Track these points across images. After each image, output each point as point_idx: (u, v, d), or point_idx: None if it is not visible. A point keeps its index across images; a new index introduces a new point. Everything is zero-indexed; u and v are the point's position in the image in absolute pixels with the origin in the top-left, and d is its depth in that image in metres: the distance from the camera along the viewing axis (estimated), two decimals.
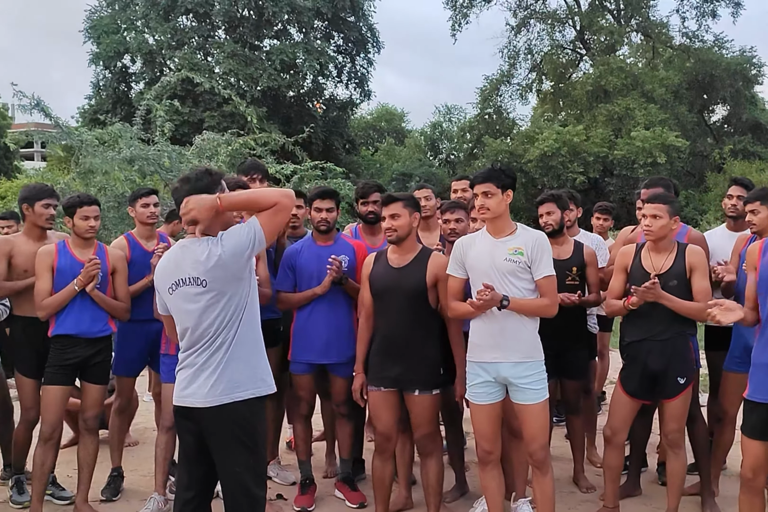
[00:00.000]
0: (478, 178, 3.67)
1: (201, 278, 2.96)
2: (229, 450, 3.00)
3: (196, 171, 3.12)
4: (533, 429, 3.69)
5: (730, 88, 29.34)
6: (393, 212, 3.91)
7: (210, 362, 3.00)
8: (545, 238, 3.73)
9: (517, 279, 3.63)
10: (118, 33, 26.21)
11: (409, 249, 4.00)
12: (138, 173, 8.90)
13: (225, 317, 2.98)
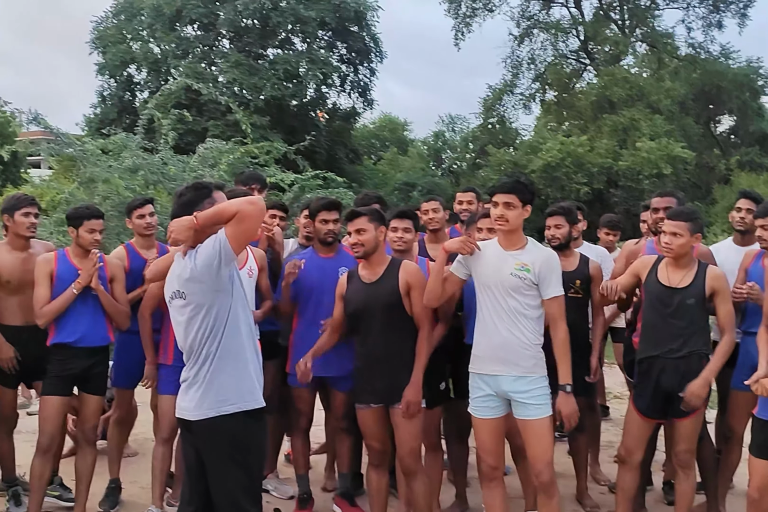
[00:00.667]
0: (503, 187, 3.60)
1: (181, 291, 2.99)
2: (220, 466, 2.98)
3: (186, 185, 3.17)
4: (536, 447, 3.61)
5: (736, 100, 29.29)
6: (358, 227, 3.89)
7: (198, 375, 3.00)
8: (555, 257, 3.68)
9: (521, 296, 3.58)
10: (123, 43, 26.33)
11: (379, 262, 3.96)
12: (142, 182, 8.89)
13: (206, 329, 2.96)
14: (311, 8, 25.58)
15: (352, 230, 3.90)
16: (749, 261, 4.32)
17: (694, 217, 3.90)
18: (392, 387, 3.86)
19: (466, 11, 32.63)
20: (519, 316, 3.58)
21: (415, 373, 3.85)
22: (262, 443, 3.19)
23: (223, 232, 2.90)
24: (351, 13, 26.70)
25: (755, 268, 4.26)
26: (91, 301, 4.19)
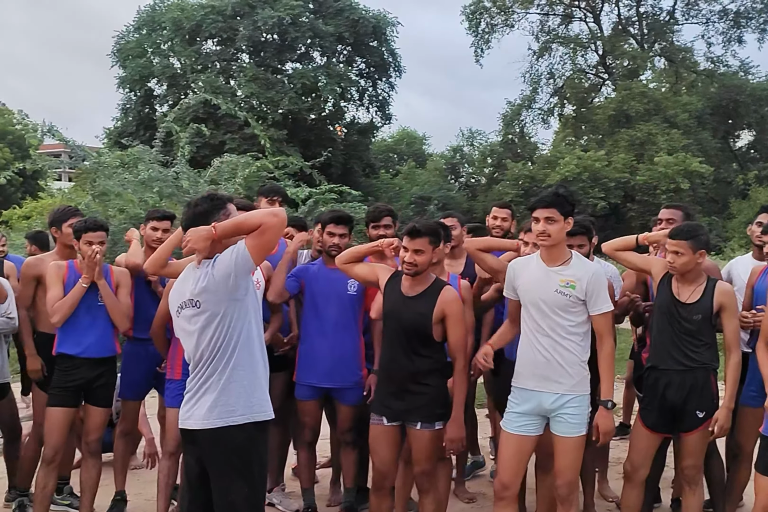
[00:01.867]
0: (542, 202, 3.54)
1: (195, 299, 3.00)
2: (224, 478, 2.97)
3: (200, 196, 3.19)
4: (560, 464, 3.61)
5: (755, 114, 29.17)
6: (418, 247, 3.75)
7: (208, 384, 3.00)
8: (601, 272, 3.64)
9: (567, 313, 3.54)
10: (144, 57, 26.64)
11: (423, 279, 3.86)
12: (156, 195, 8.97)
13: (219, 338, 2.97)
14: (329, 23, 25.84)
15: (410, 248, 3.76)
16: (755, 278, 4.28)
17: (694, 234, 3.83)
18: (405, 407, 3.81)
19: (485, 28, 32.78)
20: (564, 334, 3.54)
21: (455, 410, 3.79)
22: (265, 455, 3.19)
23: (243, 242, 2.93)
24: (369, 29, 26.91)
25: (761, 285, 4.22)
26: (96, 311, 4.21)
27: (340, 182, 13.48)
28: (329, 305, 4.39)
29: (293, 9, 24.78)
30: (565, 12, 33.64)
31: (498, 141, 33.27)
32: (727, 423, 3.78)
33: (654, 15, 32.90)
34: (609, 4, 33.12)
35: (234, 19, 25.57)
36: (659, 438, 3.97)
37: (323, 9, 26.37)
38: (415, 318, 3.78)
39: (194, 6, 26.19)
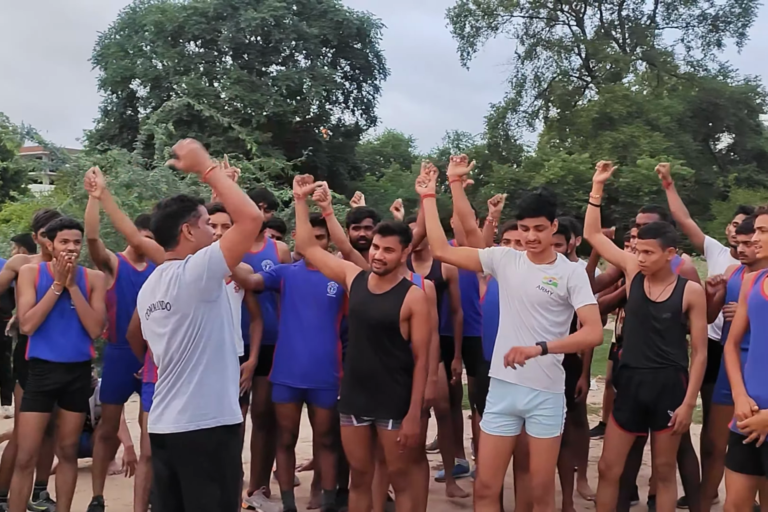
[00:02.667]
0: (530, 211, 3.55)
1: (165, 301, 2.96)
2: (196, 482, 2.95)
3: (170, 197, 3.15)
4: (535, 464, 3.63)
5: (734, 117, 29.50)
6: (388, 245, 3.80)
7: (177, 388, 2.97)
8: (582, 269, 3.68)
9: (547, 311, 3.56)
10: (125, 58, 26.52)
11: (390, 278, 3.92)
12: (137, 198, 8.92)
13: (190, 341, 2.95)
14: (313, 25, 25.83)
15: (381, 246, 3.80)
16: (730, 275, 4.34)
17: (662, 232, 3.92)
18: (374, 405, 3.84)
19: (470, 31, 32.93)
20: (542, 333, 3.55)
21: (412, 406, 3.81)
22: (237, 458, 3.18)
23: (218, 244, 2.90)
24: (353, 31, 26.94)
25: (734, 283, 4.28)
26: (69, 315, 4.16)
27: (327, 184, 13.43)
28: (307, 306, 4.39)
29: (276, 10, 24.77)
30: (548, 15, 33.84)
31: (483, 144, 33.40)
32: (687, 420, 3.82)
33: (635, 19, 33.21)
34: (591, 8, 33.38)
35: (217, 20, 25.51)
36: (632, 436, 4.01)
37: (307, 11, 26.36)
38: (382, 316, 3.81)
39: (176, 7, 26.08)
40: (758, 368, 3.39)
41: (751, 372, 3.42)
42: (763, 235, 3.38)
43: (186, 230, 3.00)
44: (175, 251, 3.03)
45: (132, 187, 9.05)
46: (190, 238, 3.01)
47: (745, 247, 4.22)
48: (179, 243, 3.02)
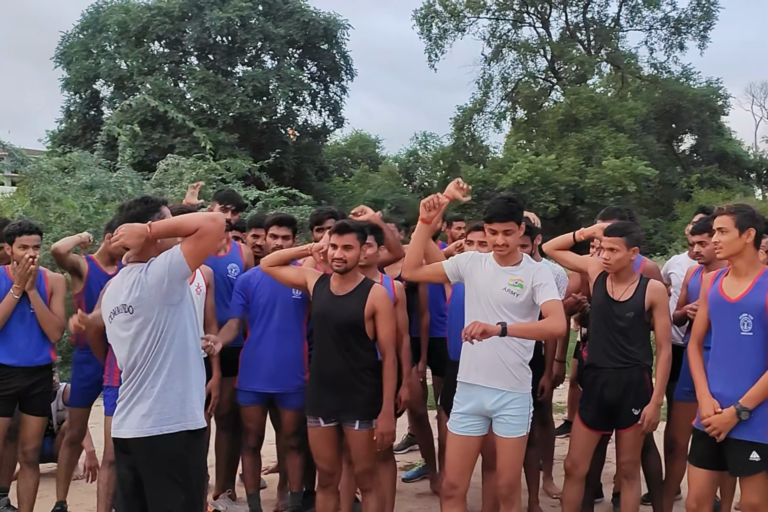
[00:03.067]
0: (500, 216, 3.54)
1: (128, 305, 2.94)
2: (160, 486, 2.94)
3: (133, 199, 3.13)
4: (501, 464, 3.65)
5: (696, 119, 29.96)
6: (347, 243, 3.82)
7: (141, 392, 2.95)
8: (547, 268, 3.71)
9: (513, 313, 3.57)
10: (89, 58, 26.15)
11: (351, 278, 3.93)
12: (99, 200, 8.80)
13: (153, 344, 2.93)
14: (280, 26, 25.70)
15: (339, 245, 3.81)
16: (690, 276, 4.40)
17: (628, 231, 3.97)
18: (341, 406, 3.84)
19: (437, 32, 33.05)
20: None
21: (385, 404, 3.82)
22: (201, 462, 3.18)
23: (179, 247, 2.89)
24: (320, 31, 26.85)
25: (694, 283, 4.34)
26: (30, 319, 4.12)
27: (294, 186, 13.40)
28: (273, 310, 4.36)
29: (242, 10, 24.60)
30: (515, 17, 34.08)
31: (450, 145, 33.54)
32: (655, 418, 3.87)
33: (600, 21, 33.57)
34: (557, 10, 33.69)
35: (181, 20, 25.27)
36: (597, 435, 4.06)
37: (273, 11, 26.22)
38: (347, 316, 3.82)
39: (140, 7, 25.77)
40: (720, 366, 3.45)
41: (713, 370, 3.48)
42: (723, 236, 3.42)
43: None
44: (140, 253, 3.00)
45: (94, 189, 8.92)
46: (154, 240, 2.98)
47: (701, 247, 4.29)
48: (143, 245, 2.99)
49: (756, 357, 3.36)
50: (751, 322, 3.35)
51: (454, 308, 4.12)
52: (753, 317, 3.35)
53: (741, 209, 3.45)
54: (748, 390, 3.32)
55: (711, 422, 3.35)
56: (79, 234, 4.57)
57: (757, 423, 3.32)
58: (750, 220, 3.41)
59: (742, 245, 3.39)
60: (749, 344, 3.36)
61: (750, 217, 3.41)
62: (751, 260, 3.43)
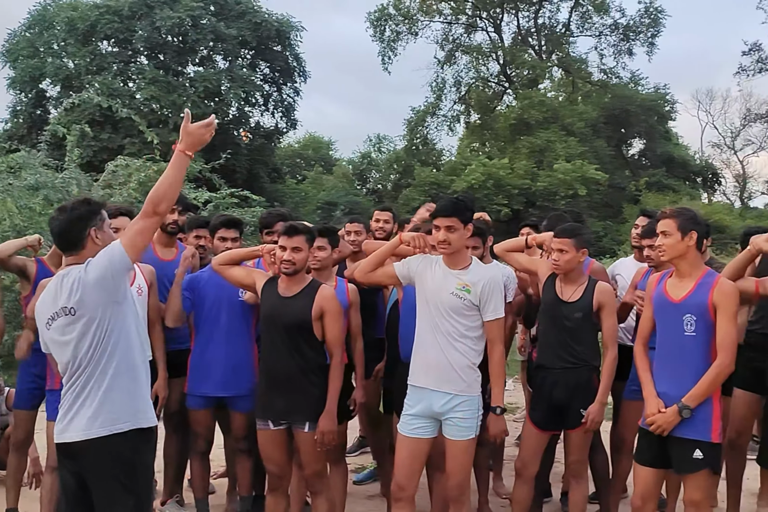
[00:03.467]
0: (444, 211, 3.60)
1: (69, 306, 2.89)
2: (108, 491, 2.88)
3: (74, 200, 3.10)
4: (451, 466, 3.67)
5: (644, 124, 30.53)
6: (295, 245, 3.81)
7: (86, 393, 2.90)
8: (498, 278, 3.72)
9: (460, 316, 3.59)
10: (36, 57, 25.55)
11: (299, 280, 3.92)
12: (43, 201, 8.59)
13: (98, 345, 2.88)
14: (232, 26, 25.44)
15: (288, 247, 3.80)
16: (639, 278, 4.48)
17: (577, 233, 4.03)
18: (291, 407, 3.81)
19: (390, 35, 33.09)
20: (457, 337, 3.60)
21: (329, 403, 3.81)
22: (151, 466, 3.12)
23: (118, 242, 2.87)
24: (273, 32, 26.66)
25: (644, 285, 4.42)
26: None
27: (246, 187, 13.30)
28: (220, 312, 4.32)
29: (193, 10, 24.27)
30: (468, 22, 34.34)
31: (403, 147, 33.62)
32: (599, 417, 3.93)
33: (551, 27, 34.02)
34: (509, 15, 34.04)
35: (131, 19, 24.80)
36: (547, 435, 4.10)
37: (225, 11, 25.93)
38: (295, 317, 3.80)
39: (88, 5, 25.25)
40: (665, 366, 3.52)
41: (659, 370, 3.55)
42: (666, 239, 3.49)
43: (93, 234, 2.98)
44: (79, 255, 2.98)
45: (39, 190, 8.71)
46: (98, 242, 2.97)
47: (651, 251, 4.36)
48: (85, 247, 2.97)
49: (698, 357, 3.43)
50: (694, 323, 3.42)
51: (406, 310, 4.12)
52: (696, 317, 3.42)
53: (683, 212, 3.52)
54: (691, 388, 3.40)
55: (655, 420, 3.41)
56: (25, 237, 4.46)
57: (700, 421, 3.39)
58: (692, 223, 3.48)
59: (685, 248, 3.46)
60: (692, 344, 3.43)
61: (692, 220, 3.48)
62: (694, 262, 3.50)
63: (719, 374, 3.38)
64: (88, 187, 9.26)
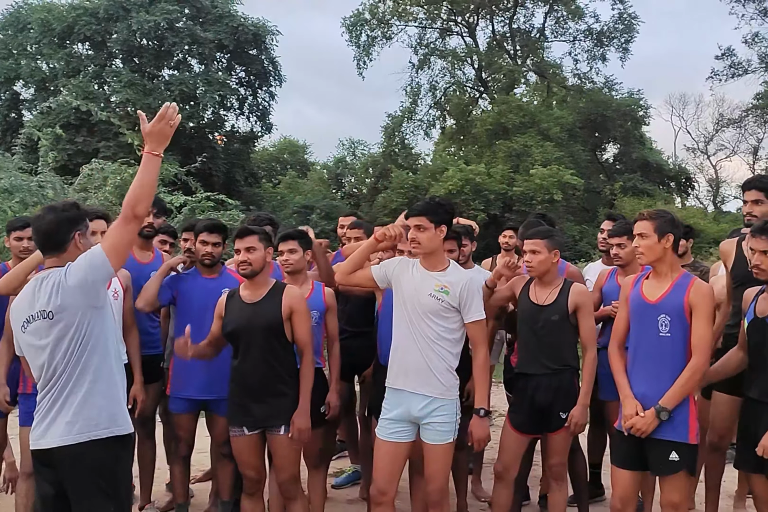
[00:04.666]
0: (413, 210, 3.64)
1: (47, 310, 2.87)
2: (88, 498, 2.85)
3: (64, 201, 3.12)
4: (430, 470, 3.67)
5: (620, 128, 30.78)
6: (248, 245, 3.83)
7: (64, 399, 2.87)
8: (475, 280, 3.72)
9: (438, 318, 3.59)
10: (9, 58, 25.27)
11: (262, 283, 3.92)
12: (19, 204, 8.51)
13: (76, 349, 2.86)
14: (208, 29, 25.34)
15: (241, 248, 3.83)
16: (603, 280, 4.53)
17: (549, 234, 4.07)
18: (268, 412, 3.80)
19: (366, 40, 33.11)
20: (435, 339, 3.60)
21: (302, 400, 3.81)
22: (129, 471, 3.13)
23: (99, 247, 2.85)
24: (249, 36, 26.58)
25: (609, 287, 4.48)
26: None
27: (223, 191, 13.27)
28: (206, 315, 4.29)
29: (170, 13, 24.15)
30: (442, 26, 34.46)
31: (380, 152, 33.61)
32: (582, 420, 3.95)
33: (526, 31, 34.21)
34: (484, 20, 34.21)
35: (107, 22, 24.62)
36: (527, 439, 4.11)
37: (202, 15, 25.81)
38: (266, 321, 3.80)
39: (64, 7, 25.03)
40: (641, 367, 3.54)
41: (636, 371, 3.56)
42: (643, 241, 3.53)
43: (78, 238, 2.98)
44: (59, 258, 2.96)
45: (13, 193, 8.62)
46: (80, 247, 2.97)
47: (620, 249, 4.42)
48: (66, 250, 2.97)
49: (674, 358, 3.46)
50: (668, 323, 3.46)
51: (384, 313, 4.13)
52: (671, 318, 3.46)
53: (661, 215, 3.56)
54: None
55: (634, 423, 3.43)
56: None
57: (678, 422, 3.42)
58: (669, 225, 3.52)
59: (662, 250, 3.50)
60: (668, 345, 3.46)
61: (669, 223, 3.53)
62: (671, 263, 3.55)
63: (694, 374, 3.42)
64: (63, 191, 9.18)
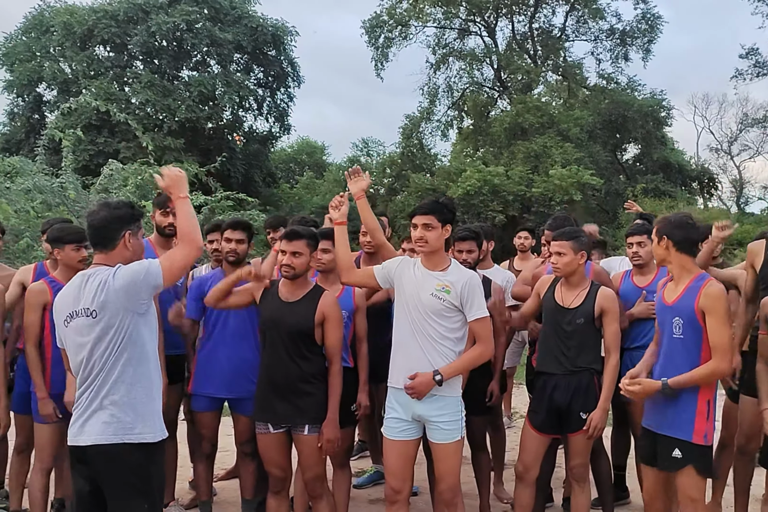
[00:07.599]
0: (421, 209, 3.64)
1: (91, 309, 2.90)
2: (122, 496, 2.90)
3: (119, 200, 3.20)
4: (441, 469, 3.66)
5: (641, 129, 30.56)
6: (296, 250, 3.82)
7: (103, 399, 2.91)
8: (476, 279, 3.70)
9: (440, 318, 3.57)
10: (32, 61, 25.57)
11: (302, 284, 3.92)
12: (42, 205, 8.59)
13: (113, 351, 2.89)
14: (227, 31, 25.48)
15: (288, 250, 3.82)
16: (619, 282, 4.50)
17: (575, 235, 4.03)
18: (291, 411, 3.81)
19: (383, 42, 33.12)
20: (438, 338, 3.58)
21: (330, 410, 3.81)
22: (162, 470, 3.14)
23: (159, 261, 2.91)
24: (268, 37, 26.70)
25: (626, 288, 4.45)
26: None
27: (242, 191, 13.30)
28: (228, 314, 4.34)
29: (189, 15, 24.32)
30: (461, 26, 34.37)
31: (397, 152, 33.57)
32: (601, 423, 3.92)
33: (547, 31, 34.05)
34: (503, 20, 34.08)
35: (127, 24, 24.85)
36: (547, 439, 4.09)
37: (221, 16, 25.96)
38: (298, 322, 3.80)
39: (85, 10, 25.27)
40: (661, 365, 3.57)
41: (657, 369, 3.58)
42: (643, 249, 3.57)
43: (128, 237, 3.02)
44: (108, 255, 3.00)
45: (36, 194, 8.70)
46: (129, 247, 3.02)
47: (639, 248, 4.41)
48: (116, 248, 3.01)
49: (686, 359, 3.46)
50: (681, 326, 3.47)
51: None
52: (683, 320, 3.46)
53: (660, 220, 3.62)
54: None
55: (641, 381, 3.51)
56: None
57: (683, 420, 3.43)
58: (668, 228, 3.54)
59: (663, 252, 3.54)
60: (680, 346, 3.48)
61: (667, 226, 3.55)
62: (682, 265, 3.54)
63: (711, 373, 3.42)
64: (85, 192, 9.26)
